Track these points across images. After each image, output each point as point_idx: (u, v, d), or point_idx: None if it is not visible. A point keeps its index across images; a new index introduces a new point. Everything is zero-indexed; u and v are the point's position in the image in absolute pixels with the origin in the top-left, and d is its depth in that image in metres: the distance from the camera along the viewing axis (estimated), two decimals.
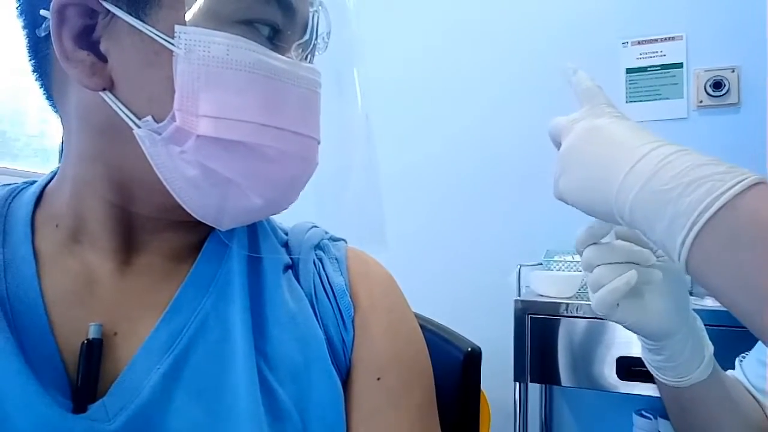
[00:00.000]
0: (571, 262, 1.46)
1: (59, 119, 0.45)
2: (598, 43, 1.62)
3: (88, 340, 0.38)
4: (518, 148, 1.69)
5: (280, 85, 0.39)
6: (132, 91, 0.38)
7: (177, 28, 0.36)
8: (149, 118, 0.37)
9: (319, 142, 0.43)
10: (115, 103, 0.38)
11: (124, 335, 0.40)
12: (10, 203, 0.44)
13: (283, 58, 0.40)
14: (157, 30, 0.36)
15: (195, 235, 0.45)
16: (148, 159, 0.38)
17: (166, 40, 0.36)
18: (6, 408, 0.34)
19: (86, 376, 0.37)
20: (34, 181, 0.47)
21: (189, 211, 0.40)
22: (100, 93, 0.38)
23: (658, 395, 0.59)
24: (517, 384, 1.28)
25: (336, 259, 0.51)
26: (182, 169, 0.38)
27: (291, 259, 0.49)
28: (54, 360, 0.38)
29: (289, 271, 0.48)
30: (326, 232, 0.53)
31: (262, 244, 0.48)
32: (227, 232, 0.46)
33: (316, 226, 0.53)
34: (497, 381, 1.18)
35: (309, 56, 0.43)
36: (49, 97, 0.44)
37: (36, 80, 0.44)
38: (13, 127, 1.50)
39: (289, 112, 0.40)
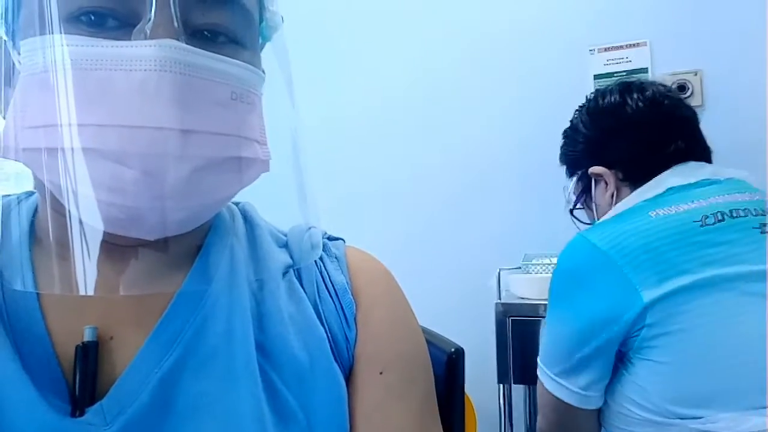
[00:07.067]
0: (549, 264, 1.49)
1: None
2: (567, 51, 1.67)
3: (83, 343, 0.38)
4: (497, 156, 1.72)
5: (104, 75, 0.32)
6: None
7: (19, 43, 0.34)
8: None
9: (186, 131, 0.34)
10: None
11: (121, 339, 0.40)
12: (11, 212, 0.43)
13: (116, 42, 0.33)
14: (12, 47, 0.36)
15: (187, 239, 0.43)
16: None
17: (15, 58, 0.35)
18: (4, 413, 0.34)
19: (83, 379, 0.37)
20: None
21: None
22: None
23: None
24: (501, 386, 1.29)
25: (336, 257, 0.51)
26: (46, 184, 0.35)
27: (292, 259, 0.49)
28: (51, 364, 0.37)
29: (290, 272, 0.48)
30: (325, 232, 0.53)
31: (260, 248, 0.48)
32: (223, 236, 0.45)
33: (314, 227, 0.52)
34: (481, 384, 1.19)
35: (159, 35, 0.34)
36: None
37: None
38: None
39: (120, 104, 0.32)
